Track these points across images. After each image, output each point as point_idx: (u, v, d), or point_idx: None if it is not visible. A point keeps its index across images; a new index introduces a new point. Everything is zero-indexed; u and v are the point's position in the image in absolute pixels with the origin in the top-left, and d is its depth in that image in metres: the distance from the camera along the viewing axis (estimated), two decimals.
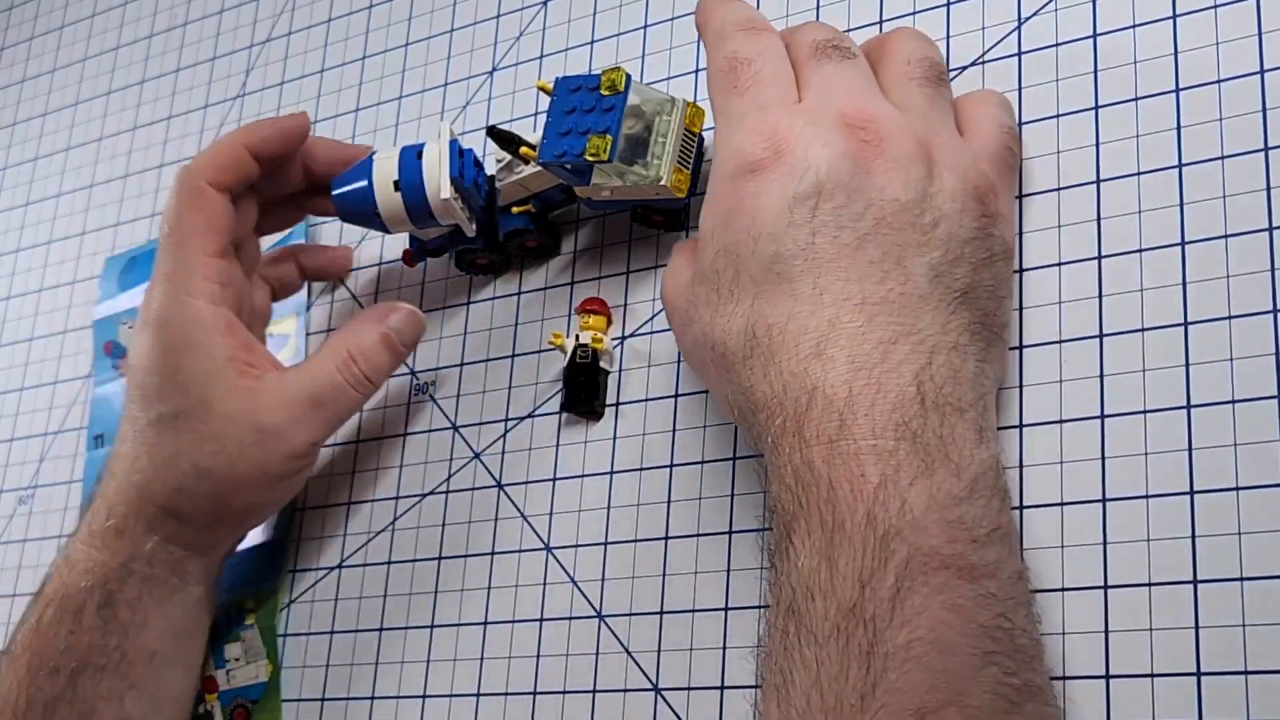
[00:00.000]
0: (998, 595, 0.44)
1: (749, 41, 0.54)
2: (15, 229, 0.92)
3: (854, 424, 0.46)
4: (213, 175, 0.63)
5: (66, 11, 0.98)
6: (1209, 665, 0.46)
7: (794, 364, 0.48)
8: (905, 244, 0.49)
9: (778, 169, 0.50)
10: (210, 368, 0.61)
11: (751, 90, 0.53)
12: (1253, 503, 0.47)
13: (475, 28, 0.75)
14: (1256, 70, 0.52)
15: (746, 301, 0.50)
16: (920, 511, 0.45)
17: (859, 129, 0.50)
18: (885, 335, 0.48)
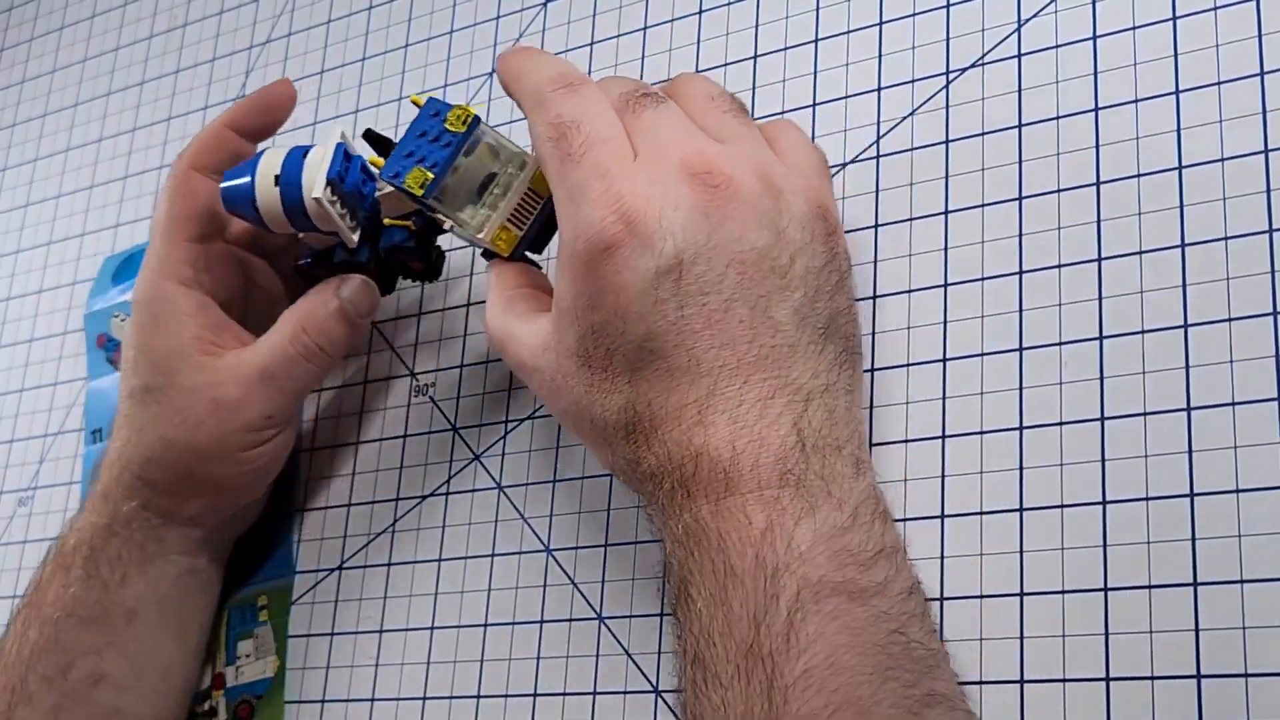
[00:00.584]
0: (889, 613, 0.46)
1: (571, 101, 0.53)
2: (15, 230, 0.92)
3: (739, 481, 0.48)
4: (196, 159, 0.65)
5: (66, 12, 0.98)
6: (1209, 668, 0.46)
7: (678, 435, 0.49)
8: (769, 293, 0.50)
9: (633, 244, 0.50)
10: (176, 346, 0.63)
11: (587, 156, 0.52)
12: (1253, 505, 0.47)
13: (475, 29, 0.75)
14: (1257, 72, 0.52)
15: (623, 380, 0.51)
16: (807, 546, 0.46)
17: (703, 175, 0.50)
18: (763, 392, 0.49)
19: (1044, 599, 0.50)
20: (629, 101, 0.54)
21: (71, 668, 0.63)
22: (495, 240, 0.58)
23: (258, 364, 0.63)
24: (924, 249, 0.57)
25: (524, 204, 0.58)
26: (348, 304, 0.64)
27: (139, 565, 0.65)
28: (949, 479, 0.53)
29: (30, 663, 0.63)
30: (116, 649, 0.64)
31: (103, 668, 0.63)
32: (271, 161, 0.62)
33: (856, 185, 0.59)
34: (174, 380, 0.63)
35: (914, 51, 0.60)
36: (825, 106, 0.62)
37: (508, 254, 0.59)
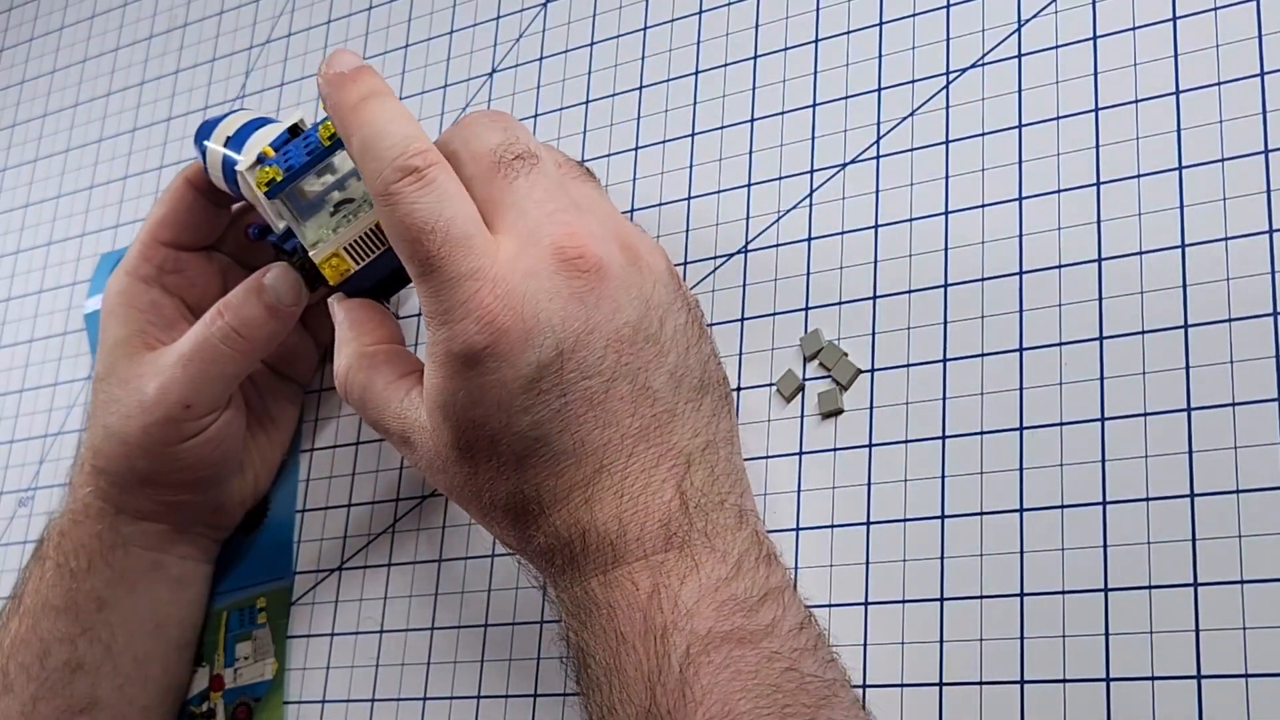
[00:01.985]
0: (780, 651, 0.47)
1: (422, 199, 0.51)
2: (15, 230, 0.92)
3: (625, 551, 0.49)
4: (194, 176, 0.66)
5: (66, 13, 0.98)
6: (1209, 668, 0.46)
7: (566, 515, 0.50)
8: (645, 365, 0.51)
9: (509, 343, 0.50)
10: (121, 336, 0.65)
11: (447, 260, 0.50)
12: (1253, 505, 0.47)
13: (475, 29, 0.75)
14: (1257, 73, 0.52)
15: (509, 469, 0.51)
16: (693, 602, 0.47)
17: (576, 261, 0.50)
18: (646, 462, 0.50)
19: (1044, 599, 0.50)
20: (501, 163, 0.53)
21: (48, 655, 0.63)
22: (323, 263, 0.58)
23: (177, 353, 0.63)
24: (924, 249, 0.57)
25: (366, 240, 0.58)
26: (269, 290, 0.63)
27: (101, 554, 0.65)
28: (949, 479, 0.53)
29: (10, 653, 0.64)
30: (89, 637, 0.64)
31: (78, 656, 0.64)
32: (232, 122, 0.63)
33: (856, 185, 0.59)
34: (114, 371, 0.64)
35: (914, 52, 0.60)
36: (825, 106, 0.62)
37: (333, 284, 0.58)
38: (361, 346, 0.57)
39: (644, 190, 0.65)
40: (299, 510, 0.70)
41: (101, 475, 0.65)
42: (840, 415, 0.56)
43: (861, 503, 0.54)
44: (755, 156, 0.63)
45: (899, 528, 0.53)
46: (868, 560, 0.54)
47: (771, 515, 0.56)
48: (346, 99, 0.54)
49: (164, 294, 0.66)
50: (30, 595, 0.65)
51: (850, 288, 0.58)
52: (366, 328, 0.58)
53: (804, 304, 0.59)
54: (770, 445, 0.57)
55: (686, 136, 0.65)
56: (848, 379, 0.56)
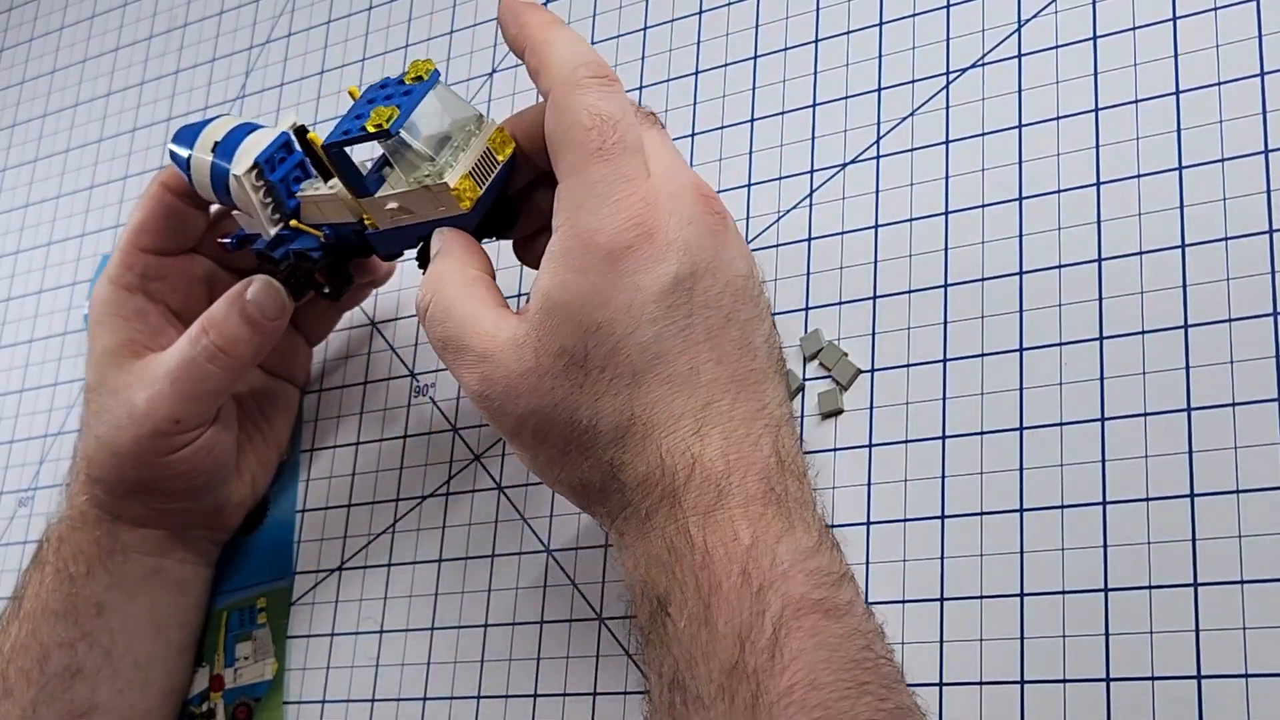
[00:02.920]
0: (860, 630, 0.47)
1: (612, 98, 0.53)
2: (15, 230, 0.92)
3: (729, 494, 0.48)
4: (170, 180, 0.65)
5: (66, 13, 0.98)
6: (1209, 668, 0.46)
7: (674, 442, 0.50)
8: (749, 320, 0.52)
9: (652, 249, 0.50)
10: (109, 346, 0.65)
11: (615, 158, 0.52)
12: (1253, 505, 0.47)
13: (475, 29, 0.75)
14: (1257, 73, 0.52)
15: (624, 381, 0.50)
16: (788, 564, 0.47)
17: (712, 201, 0.52)
18: (747, 412, 0.50)
19: (1044, 599, 0.50)
20: (641, 114, 0.55)
21: (47, 660, 0.63)
22: (459, 188, 0.55)
23: (163, 366, 0.63)
24: (924, 249, 0.57)
25: (483, 162, 0.56)
26: (252, 305, 0.63)
27: (100, 560, 0.65)
28: (949, 479, 0.53)
29: (10, 657, 0.64)
30: (89, 642, 0.64)
31: (77, 661, 0.64)
32: (218, 128, 0.63)
33: (856, 185, 0.59)
34: (105, 381, 0.64)
35: (914, 52, 0.60)
36: (825, 106, 0.62)
37: (470, 209, 0.56)
38: (464, 266, 0.56)
39: None
40: (299, 510, 0.70)
41: (96, 484, 0.65)
42: (840, 415, 0.56)
43: (861, 503, 0.54)
44: (755, 156, 0.63)
45: (899, 528, 0.53)
46: (868, 560, 0.54)
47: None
48: (541, 17, 0.56)
49: (148, 301, 0.65)
50: (30, 600, 0.65)
51: (850, 288, 0.58)
52: (473, 252, 0.57)
53: (804, 304, 0.59)
54: None
55: (686, 136, 0.65)
56: (848, 379, 0.56)
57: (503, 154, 0.56)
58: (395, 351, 0.70)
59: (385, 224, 0.58)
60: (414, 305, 0.58)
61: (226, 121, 0.64)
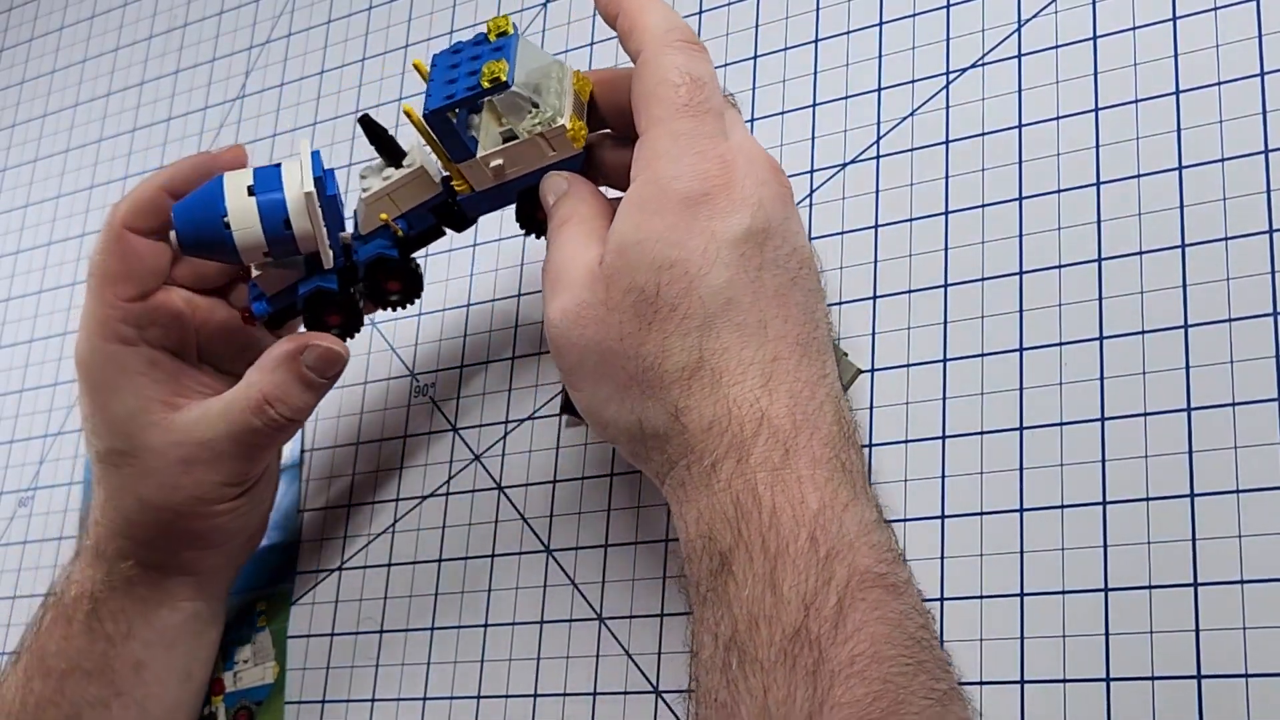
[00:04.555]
0: (917, 609, 0.47)
1: (701, 63, 0.54)
2: (15, 230, 0.92)
3: (796, 454, 0.48)
4: (130, 220, 0.62)
5: (66, 13, 0.98)
6: (1209, 668, 0.46)
7: (742, 391, 0.49)
8: (813, 291, 0.52)
9: (730, 200, 0.51)
10: (134, 408, 0.61)
11: (700, 115, 0.53)
12: (1253, 505, 0.47)
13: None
14: (1257, 73, 0.52)
15: (694, 323, 0.50)
16: (854, 535, 0.47)
17: (780, 173, 0.53)
18: (812, 375, 0.50)
19: (1044, 599, 0.50)
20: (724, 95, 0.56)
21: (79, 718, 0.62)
22: (574, 128, 0.55)
23: (224, 431, 0.61)
24: (924, 249, 0.57)
25: (577, 103, 0.56)
26: (313, 374, 0.61)
27: (144, 617, 0.64)
28: (949, 479, 0.53)
29: (36, 714, 0.62)
30: (124, 701, 0.63)
31: (110, 718, 0.63)
32: (237, 178, 0.58)
33: (856, 185, 0.59)
34: (140, 442, 0.61)
35: (914, 52, 0.60)
36: (825, 106, 0.62)
37: (581, 148, 0.56)
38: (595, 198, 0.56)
39: None
40: (299, 510, 0.70)
41: (140, 546, 0.63)
42: None
43: None
44: None
45: (899, 528, 0.53)
46: None
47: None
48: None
49: (151, 349, 0.62)
50: (55, 657, 0.63)
51: (850, 288, 0.58)
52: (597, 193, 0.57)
53: None
54: None
55: None
56: (848, 379, 0.56)
57: (585, 95, 0.57)
58: (395, 351, 0.70)
59: (484, 184, 0.57)
60: None
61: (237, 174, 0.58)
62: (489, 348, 0.67)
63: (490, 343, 0.67)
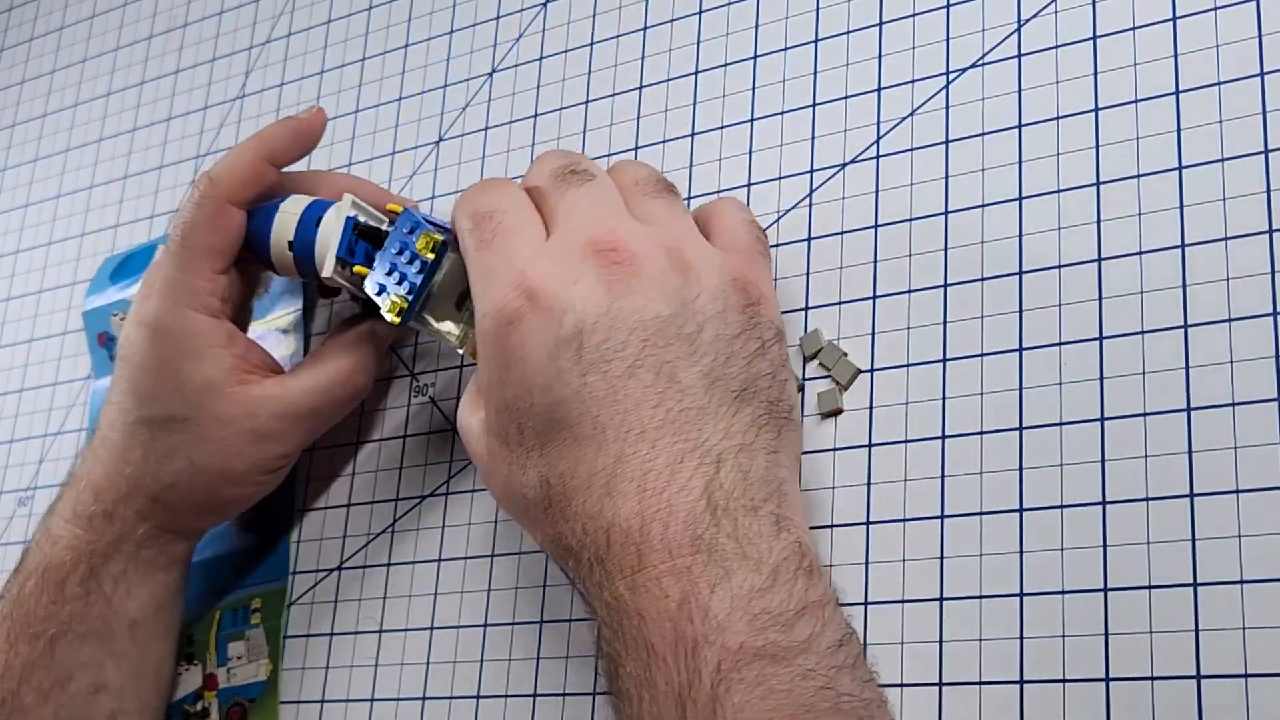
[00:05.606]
0: (816, 669, 0.45)
1: (489, 194, 0.56)
2: (15, 230, 0.92)
3: (650, 553, 0.48)
4: (234, 193, 0.63)
5: (66, 12, 0.98)
6: (1209, 668, 0.46)
7: (589, 506, 0.49)
8: (675, 359, 0.51)
9: (536, 317, 0.52)
10: (213, 377, 0.62)
11: (496, 242, 0.54)
12: (1253, 505, 0.47)
13: (475, 29, 0.75)
14: (1257, 73, 0.52)
15: (535, 453, 0.52)
16: (724, 615, 0.46)
17: (609, 252, 0.52)
18: (671, 456, 0.49)
19: (1043, 599, 0.50)
20: (558, 177, 0.56)
21: (70, 681, 0.63)
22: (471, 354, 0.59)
23: (307, 403, 0.63)
24: (924, 249, 0.57)
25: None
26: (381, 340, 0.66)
27: (143, 577, 0.65)
28: (949, 479, 0.53)
29: (23, 677, 0.63)
30: (117, 659, 0.64)
31: (104, 678, 0.63)
32: (285, 226, 0.63)
33: (856, 185, 0.59)
34: (208, 411, 0.62)
35: (914, 51, 0.60)
36: (825, 106, 0.62)
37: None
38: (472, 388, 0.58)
39: None
40: (298, 510, 0.70)
41: (168, 510, 0.64)
42: (840, 415, 0.56)
43: (861, 502, 0.54)
44: (755, 156, 0.63)
45: (899, 527, 0.53)
46: (867, 560, 0.54)
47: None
48: None
49: (230, 324, 0.64)
50: (43, 622, 0.63)
51: (850, 287, 0.58)
52: None
53: (804, 304, 0.59)
54: None
55: (686, 136, 0.65)
56: (847, 379, 0.56)
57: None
58: (395, 351, 0.70)
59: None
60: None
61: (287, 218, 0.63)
62: None
63: None
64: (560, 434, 0.51)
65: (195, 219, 0.63)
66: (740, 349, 0.52)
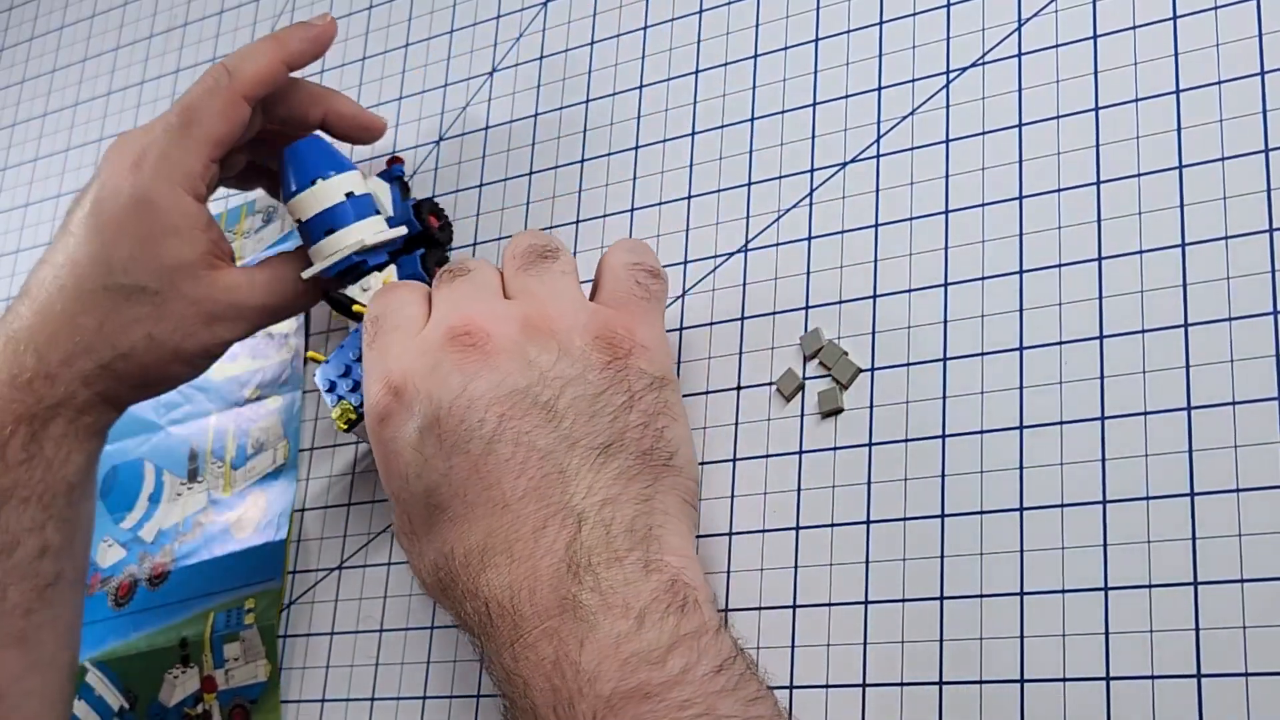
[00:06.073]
0: (693, 698, 0.47)
1: (381, 298, 0.59)
2: (15, 230, 0.92)
3: (523, 621, 0.50)
4: (248, 88, 0.65)
5: (67, 12, 0.98)
6: (1209, 667, 0.46)
7: (469, 584, 0.52)
8: (533, 427, 0.52)
9: (400, 412, 0.54)
10: (187, 259, 0.64)
11: (377, 341, 0.57)
12: (1253, 505, 0.47)
13: (475, 29, 0.75)
14: (1257, 72, 0.52)
15: (424, 540, 0.54)
16: (594, 666, 0.48)
17: (462, 336, 0.54)
18: (535, 523, 0.51)
19: (1044, 598, 0.50)
20: (444, 274, 0.58)
21: (17, 547, 0.63)
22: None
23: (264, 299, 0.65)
24: (924, 248, 0.57)
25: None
26: None
27: (81, 444, 0.65)
28: (948, 479, 0.53)
29: None
30: (57, 520, 0.64)
31: (46, 540, 0.63)
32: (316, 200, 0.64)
33: (856, 185, 0.59)
34: (176, 289, 0.63)
35: (914, 51, 0.60)
36: (825, 106, 0.62)
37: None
38: None
39: (644, 189, 0.65)
40: (298, 510, 0.70)
41: (115, 378, 0.64)
42: (840, 414, 0.56)
43: (861, 502, 0.54)
44: (755, 156, 0.63)
45: (899, 527, 0.53)
46: (868, 559, 0.53)
47: (771, 514, 0.56)
48: None
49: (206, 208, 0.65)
50: None
51: (850, 287, 0.58)
52: None
53: (804, 303, 0.59)
54: (770, 444, 0.57)
55: (686, 136, 0.65)
56: (848, 378, 0.56)
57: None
58: None
59: None
60: None
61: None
62: None
63: None
64: (438, 517, 0.53)
65: (206, 105, 0.65)
66: (604, 406, 0.53)
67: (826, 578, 0.54)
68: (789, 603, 0.55)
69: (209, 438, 0.77)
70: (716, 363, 0.60)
